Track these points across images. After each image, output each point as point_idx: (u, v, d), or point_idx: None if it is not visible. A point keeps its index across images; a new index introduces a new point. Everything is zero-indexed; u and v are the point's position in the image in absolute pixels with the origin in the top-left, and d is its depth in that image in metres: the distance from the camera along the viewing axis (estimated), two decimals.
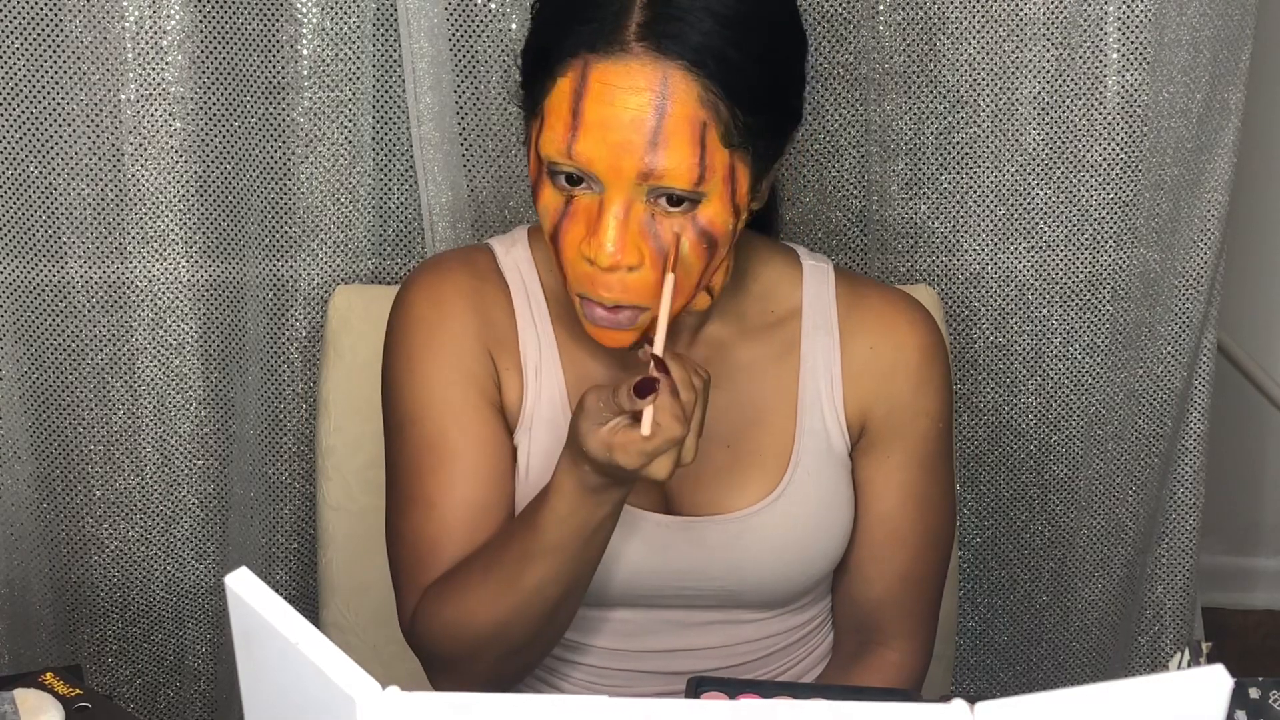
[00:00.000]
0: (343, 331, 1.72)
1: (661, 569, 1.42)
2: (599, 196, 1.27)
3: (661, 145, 1.24)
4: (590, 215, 1.27)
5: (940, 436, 1.47)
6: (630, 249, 1.26)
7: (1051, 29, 1.78)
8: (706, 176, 1.26)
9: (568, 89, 1.26)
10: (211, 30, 1.72)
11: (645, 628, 1.46)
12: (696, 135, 1.25)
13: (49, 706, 1.20)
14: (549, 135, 1.27)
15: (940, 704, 0.84)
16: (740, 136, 1.27)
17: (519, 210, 1.83)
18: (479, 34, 1.78)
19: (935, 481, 1.48)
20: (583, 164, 1.26)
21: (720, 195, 1.28)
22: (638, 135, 1.24)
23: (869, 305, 1.46)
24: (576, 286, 1.30)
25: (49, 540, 1.86)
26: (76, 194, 1.75)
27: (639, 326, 1.31)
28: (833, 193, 1.86)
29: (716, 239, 1.29)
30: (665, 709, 0.85)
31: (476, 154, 1.82)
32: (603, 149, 1.25)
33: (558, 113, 1.27)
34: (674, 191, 1.26)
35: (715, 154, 1.26)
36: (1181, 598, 2.02)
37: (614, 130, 1.24)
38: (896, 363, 1.45)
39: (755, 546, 1.42)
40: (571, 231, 1.29)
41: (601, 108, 1.25)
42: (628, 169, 1.25)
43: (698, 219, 1.28)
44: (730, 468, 1.43)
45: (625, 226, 1.26)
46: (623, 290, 1.28)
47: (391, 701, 0.85)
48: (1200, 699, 0.84)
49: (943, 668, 1.77)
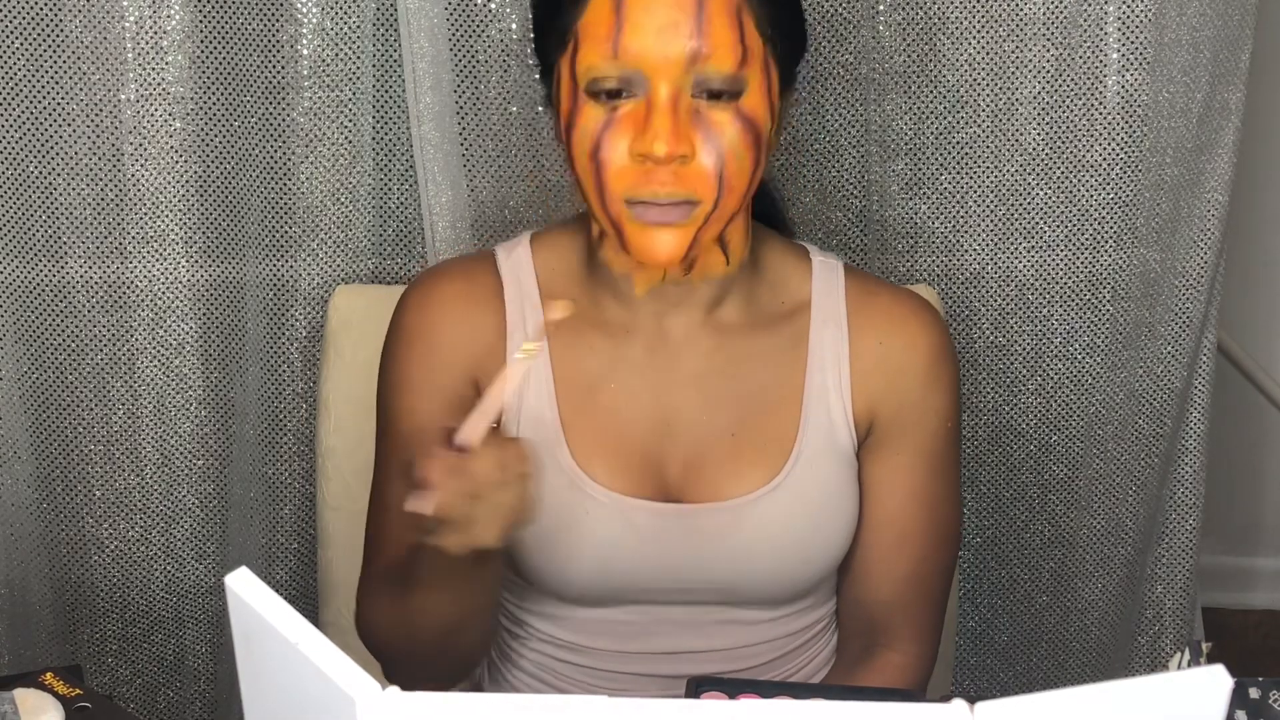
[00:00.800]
0: (343, 331, 1.72)
1: (659, 560, 1.42)
2: (644, 99, 1.31)
3: (705, 26, 1.30)
4: (636, 119, 1.31)
5: (948, 437, 1.47)
6: (683, 138, 1.30)
7: (1051, 29, 1.78)
8: (748, 60, 1.32)
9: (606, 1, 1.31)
10: (211, 30, 1.72)
11: (647, 629, 1.45)
12: (735, 18, 1.31)
13: (49, 706, 1.20)
14: (590, 47, 1.31)
15: (940, 704, 0.84)
16: (770, 27, 1.34)
17: (519, 210, 1.83)
18: (479, 34, 1.78)
19: (943, 482, 1.48)
20: (630, 61, 1.30)
21: (759, 86, 1.33)
22: (683, 16, 1.29)
23: (879, 303, 1.47)
24: (626, 192, 1.32)
25: (49, 540, 1.86)
26: (76, 194, 1.75)
27: (694, 220, 1.33)
28: (833, 193, 1.86)
29: (759, 130, 1.33)
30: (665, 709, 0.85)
31: (476, 154, 1.82)
32: (649, 37, 1.29)
33: (599, 20, 1.31)
34: (719, 77, 1.30)
35: (752, 37, 1.32)
36: (1181, 598, 2.02)
37: (658, 15, 1.29)
38: (906, 361, 1.45)
39: (753, 536, 1.42)
40: (616, 139, 1.31)
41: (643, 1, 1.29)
42: (675, 54, 1.29)
43: (742, 109, 1.32)
44: (732, 455, 1.43)
45: (676, 116, 1.30)
46: (676, 182, 1.31)
47: (391, 701, 0.86)
48: (1200, 699, 0.84)
49: (943, 668, 1.77)
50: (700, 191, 1.31)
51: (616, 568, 1.41)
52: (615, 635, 1.46)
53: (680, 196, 1.31)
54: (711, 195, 1.32)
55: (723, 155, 1.31)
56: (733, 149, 1.32)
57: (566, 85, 1.34)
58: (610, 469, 1.41)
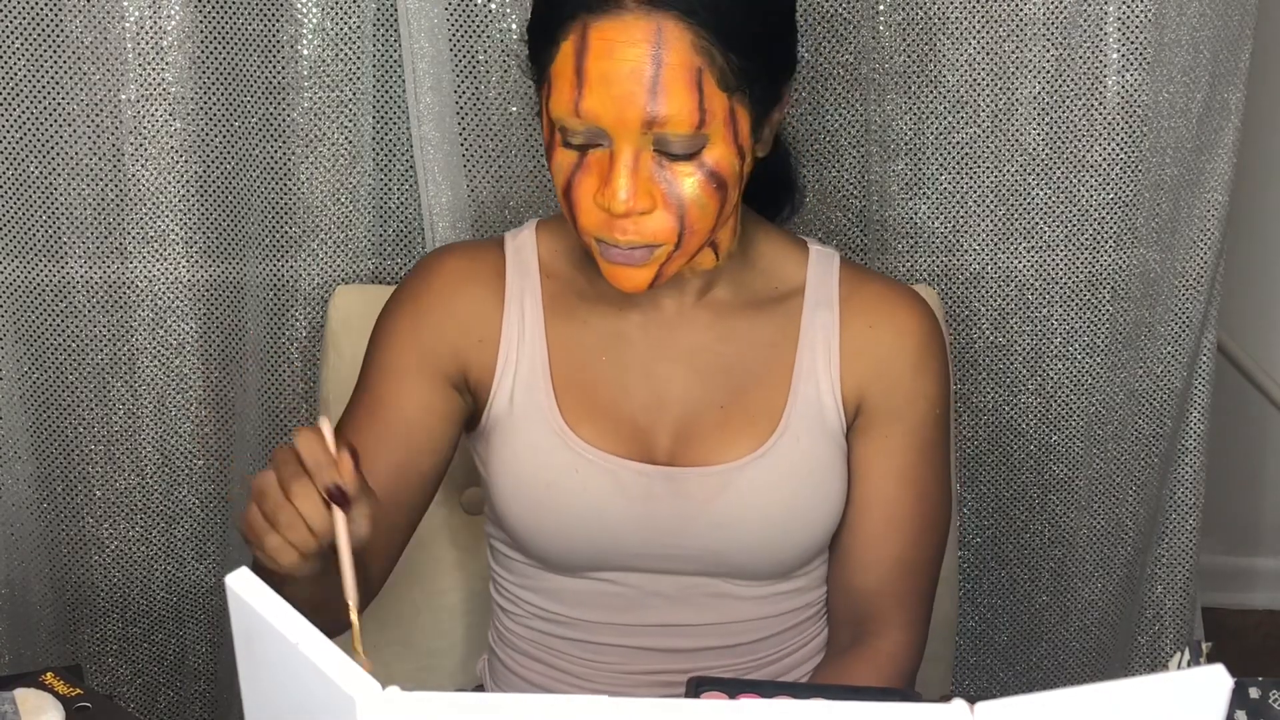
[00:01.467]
0: (343, 331, 1.72)
1: (643, 522, 1.44)
2: (609, 150, 1.33)
3: (661, 93, 1.30)
4: (602, 168, 1.34)
5: (937, 423, 1.49)
6: (642, 194, 1.33)
7: (1051, 29, 1.78)
8: (707, 120, 1.32)
9: (570, 51, 1.33)
10: (211, 30, 1.72)
11: (637, 600, 1.47)
12: (693, 81, 1.31)
13: (49, 706, 1.20)
14: (557, 97, 1.34)
15: (940, 704, 0.84)
16: (737, 80, 1.33)
17: (519, 210, 1.84)
18: (479, 34, 1.78)
19: (931, 468, 1.49)
20: (590, 119, 1.32)
21: (723, 138, 1.34)
22: (638, 85, 1.30)
23: (871, 290, 1.50)
24: (593, 231, 1.36)
25: (49, 540, 1.86)
26: (76, 194, 1.75)
27: (655, 261, 1.37)
28: (833, 193, 1.86)
29: (724, 179, 1.35)
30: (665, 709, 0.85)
31: (476, 154, 1.82)
32: (607, 102, 1.31)
33: (563, 74, 1.33)
34: (677, 138, 1.32)
35: (714, 98, 1.32)
36: (1181, 598, 2.01)
37: (615, 83, 1.31)
38: (895, 345, 1.48)
39: (739, 502, 1.44)
40: (585, 183, 1.35)
41: (602, 63, 1.31)
42: (632, 118, 1.31)
43: (704, 162, 1.34)
44: (720, 426, 1.46)
45: (636, 174, 1.33)
46: (637, 232, 1.35)
47: (391, 701, 0.86)
48: (1200, 699, 0.84)
49: (943, 668, 1.77)
50: (661, 237, 1.35)
51: (604, 528, 1.44)
52: (607, 608, 1.48)
53: (640, 244, 1.35)
54: (672, 240, 1.36)
55: (684, 205, 1.34)
56: (694, 199, 1.34)
57: (545, 118, 1.38)
58: (601, 432, 1.45)
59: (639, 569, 1.47)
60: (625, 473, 1.44)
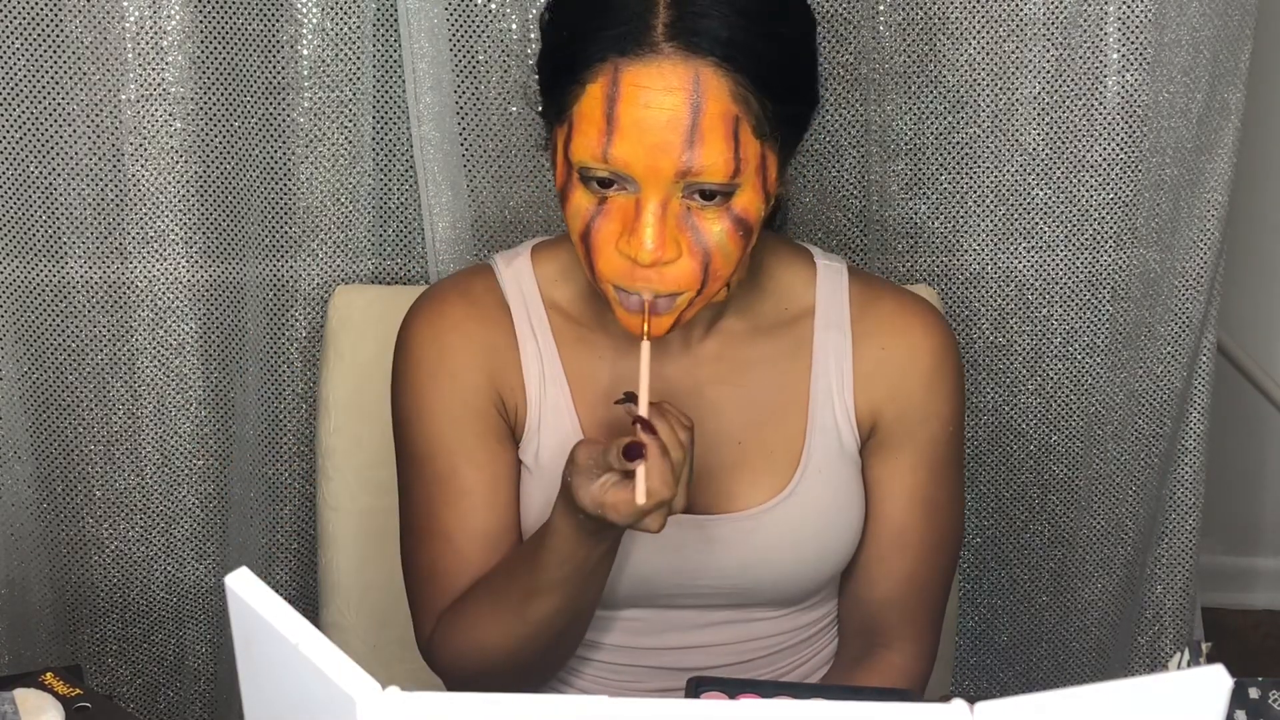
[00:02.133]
0: (343, 331, 1.72)
1: (674, 568, 1.43)
2: (634, 196, 1.28)
3: (698, 143, 1.26)
4: (626, 214, 1.29)
5: (950, 441, 1.47)
6: (669, 244, 1.28)
7: (1051, 29, 1.78)
8: (741, 169, 1.28)
9: (599, 94, 1.27)
10: (211, 30, 1.72)
11: (656, 626, 1.47)
12: (730, 130, 1.27)
13: (49, 706, 1.20)
14: (581, 141, 1.28)
15: (940, 704, 0.84)
16: (770, 126, 1.29)
17: (519, 210, 1.83)
18: (479, 34, 1.78)
19: (943, 486, 1.48)
20: (619, 167, 1.27)
21: (753, 185, 1.30)
22: (674, 135, 1.25)
23: (882, 307, 1.47)
24: (613, 279, 1.31)
25: (49, 540, 1.86)
26: (76, 194, 1.75)
27: (676, 308, 1.32)
28: (833, 193, 1.86)
29: (751, 226, 1.31)
30: (665, 709, 0.85)
31: (476, 154, 1.82)
32: (639, 150, 1.26)
33: (590, 118, 1.27)
34: (709, 187, 1.28)
35: (748, 146, 1.28)
36: (1181, 598, 2.01)
37: (650, 132, 1.25)
38: (908, 365, 1.45)
39: (766, 544, 1.43)
40: (605, 229, 1.30)
41: (636, 110, 1.26)
42: (665, 169, 1.26)
43: (732, 209, 1.29)
44: (741, 464, 1.44)
45: (663, 223, 1.27)
46: (660, 282, 1.30)
47: (391, 701, 0.86)
48: (1200, 699, 0.84)
49: (943, 668, 1.77)
50: (683, 285, 1.31)
51: (631, 576, 1.42)
52: (627, 632, 1.47)
53: (663, 294, 1.31)
54: (695, 288, 1.31)
55: (709, 254, 1.30)
56: (719, 247, 1.30)
57: (561, 157, 1.32)
58: None
59: (665, 605, 1.46)
60: None
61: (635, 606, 1.45)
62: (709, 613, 1.46)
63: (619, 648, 1.47)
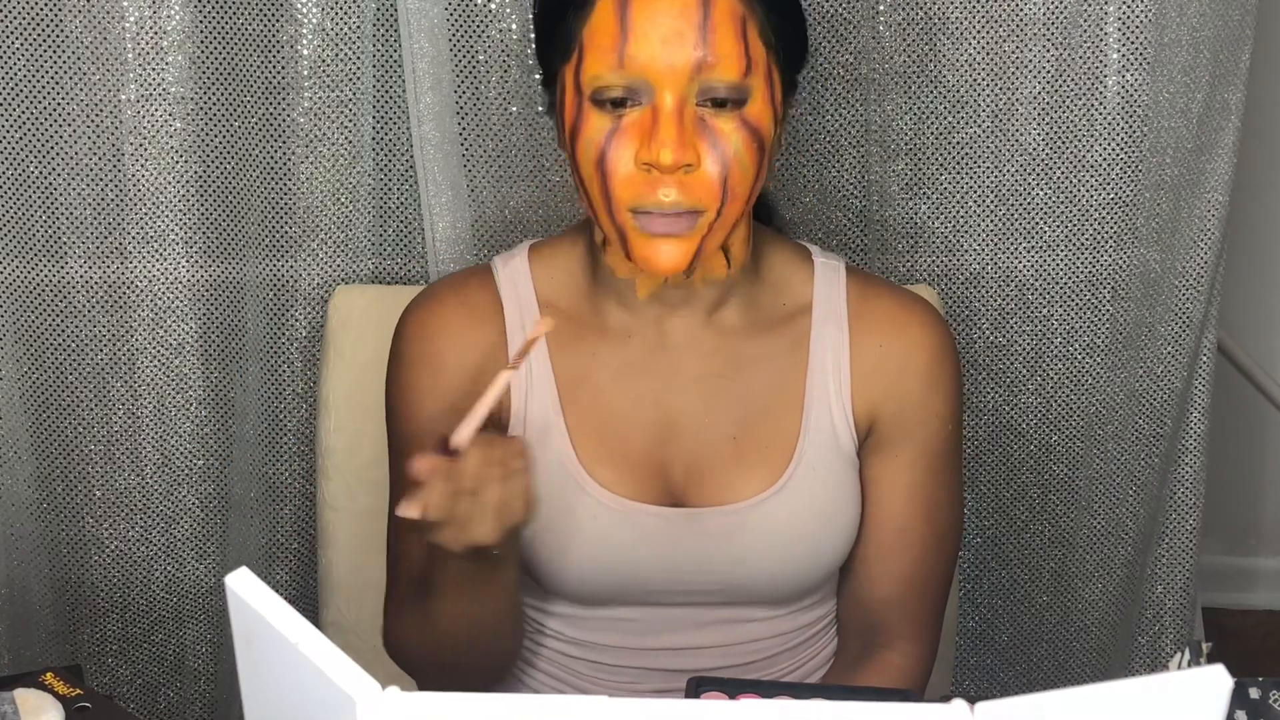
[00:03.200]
0: (343, 331, 1.72)
1: (664, 562, 1.42)
2: (649, 107, 1.31)
3: (710, 36, 1.30)
4: (642, 127, 1.31)
5: (949, 439, 1.48)
6: (688, 146, 1.31)
7: (1051, 29, 1.78)
8: (753, 68, 1.32)
9: (610, 4, 1.31)
10: (211, 30, 1.72)
11: (651, 626, 1.46)
12: (739, 28, 1.32)
13: (49, 706, 1.20)
14: (595, 56, 1.32)
15: (940, 704, 0.84)
16: (774, 36, 1.35)
17: (519, 210, 1.83)
18: (479, 34, 1.78)
19: (942, 484, 1.48)
20: (636, 70, 1.31)
21: (762, 94, 1.34)
22: (688, 27, 1.30)
23: (880, 304, 1.47)
24: (632, 201, 1.33)
25: (49, 540, 1.86)
26: (76, 194, 1.75)
27: (698, 230, 1.34)
28: (833, 193, 1.86)
29: (763, 138, 1.35)
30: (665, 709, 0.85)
31: (476, 154, 1.82)
32: (655, 46, 1.30)
33: (604, 29, 1.31)
34: (724, 85, 1.31)
35: (756, 47, 1.33)
36: (1181, 598, 2.01)
37: (663, 26, 1.30)
38: (906, 363, 1.45)
39: (757, 539, 1.42)
40: (621, 147, 1.32)
41: (649, 7, 1.30)
42: (681, 63, 1.30)
43: (746, 118, 1.33)
44: (735, 459, 1.44)
45: (681, 125, 1.30)
46: (682, 190, 1.32)
47: (391, 701, 0.86)
48: (1200, 699, 0.84)
49: (943, 668, 1.77)
50: (705, 200, 1.32)
51: (622, 569, 1.42)
52: (623, 633, 1.47)
53: (685, 206, 1.32)
54: (715, 203, 1.33)
55: (727, 163, 1.32)
56: (737, 156, 1.33)
57: (570, 93, 1.35)
58: (615, 473, 1.42)
59: (656, 603, 1.46)
60: (646, 518, 1.42)
61: (627, 604, 1.45)
62: (703, 611, 1.46)
63: (615, 648, 1.47)
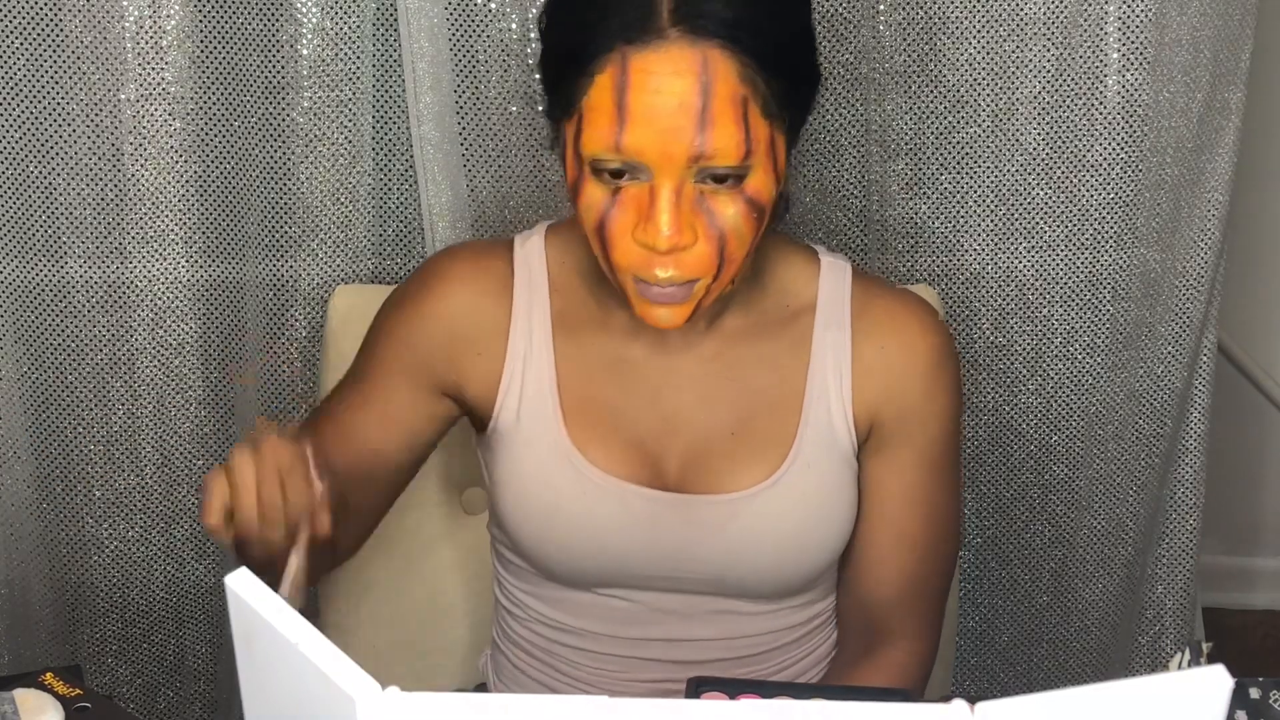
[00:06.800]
0: (343, 331, 1.72)
1: (653, 547, 1.43)
2: (647, 184, 1.29)
3: (709, 126, 1.27)
4: (640, 203, 1.30)
5: (947, 440, 1.48)
6: (685, 229, 1.29)
7: (1052, 29, 1.78)
8: (752, 150, 1.29)
9: (608, 84, 1.28)
10: (211, 30, 1.72)
11: (641, 615, 1.47)
12: (740, 112, 1.28)
13: (49, 706, 1.20)
14: (593, 133, 1.29)
15: (940, 704, 0.84)
16: (778, 106, 1.31)
17: (519, 210, 1.83)
18: (479, 34, 1.78)
19: (942, 485, 1.49)
20: (632, 155, 1.28)
21: (764, 166, 1.31)
22: (686, 119, 1.26)
23: (882, 306, 1.47)
24: (631, 270, 1.33)
25: (49, 540, 1.86)
26: (76, 194, 1.75)
27: (694, 296, 1.33)
28: (833, 193, 1.86)
29: (764, 206, 1.33)
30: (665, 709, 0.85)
31: (476, 154, 1.82)
32: (652, 136, 1.27)
33: (601, 109, 1.28)
34: (721, 170, 1.29)
35: (758, 127, 1.29)
36: (1181, 598, 2.02)
37: (661, 117, 1.26)
38: (906, 366, 1.46)
39: (748, 531, 1.43)
40: (620, 220, 1.31)
41: (646, 96, 1.26)
42: (678, 154, 1.27)
43: (745, 191, 1.31)
44: (731, 453, 1.44)
45: (678, 208, 1.29)
46: (678, 267, 1.31)
47: (391, 701, 0.86)
48: (1200, 699, 0.84)
49: (943, 668, 1.77)
50: (700, 271, 1.32)
51: (611, 551, 1.43)
52: (610, 620, 1.47)
53: (681, 280, 1.32)
54: (711, 273, 1.33)
55: (725, 237, 1.31)
56: (734, 229, 1.31)
57: (570, 152, 1.33)
58: (609, 455, 1.43)
59: (645, 588, 1.46)
60: (633, 498, 1.42)
61: (615, 587, 1.46)
62: (692, 600, 1.46)
63: (604, 636, 1.48)
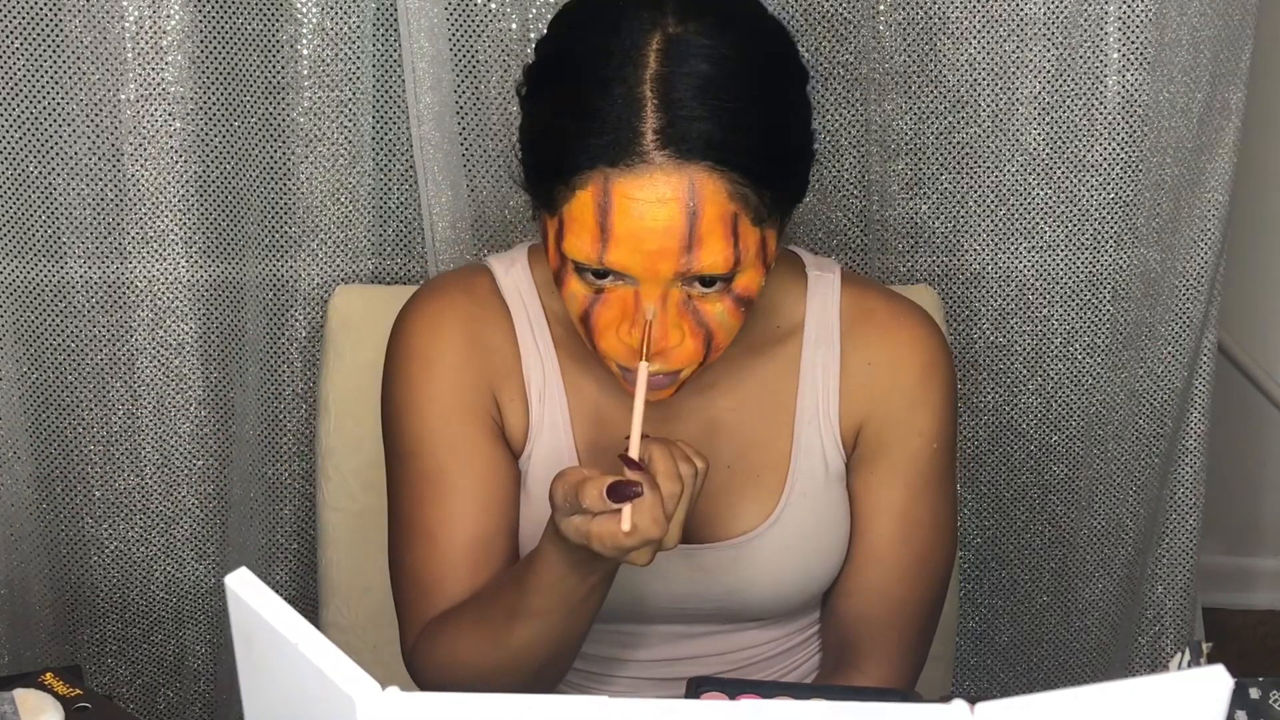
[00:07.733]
0: (343, 331, 1.72)
1: (659, 592, 1.42)
2: (633, 289, 1.25)
3: (696, 246, 1.22)
4: (625, 303, 1.26)
5: (934, 458, 1.43)
6: (672, 330, 1.26)
7: (1052, 29, 1.78)
8: (741, 259, 1.25)
9: (590, 202, 1.23)
10: (211, 30, 1.72)
11: (643, 641, 1.46)
12: (729, 229, 1.23)
13: (49, 706, 1.20)
14: (575, 242, 1.24)
15: (940, 704, 0.84)
16: (769, 210, 1.26)
17: (519, 210, 1.83)
18: (479, 34, 1.78)
19: (925, 504, 1.44)
20: (617, 268, 1.24)
21: (754, 266, 1.27)
22: (672, 242, 1.22)
23: (873, 319, 1.44)
24: (615, 359, 1.29)
25: (49, 540, 1.86)
26: (76, 194, 1.75)
27: (679, 382, 1.30)
28: (833, 193, 1.86)
29: (751, 298, 1.29)
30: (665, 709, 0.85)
31: (476, 154, 1.82)
32: (637, 256, 1.22)
33: (582, 223, 1.23)
34: (710, 277, 1.25)
35: (747, 236, 1.25)
36: (1181, 598, 2.01)
37: (646, 240, 1.22)
38: (892, 379, 1.43)
39: (752, 570, 1.42)
40: (605, 315, 1.27)
41: (630, 221, 1.22)
42: (664, 271, 1.23)
43: (734, 290, 1.27)
44: (728, 489, 1.42)
45: (664, 315, 1.25)
46: (664, 362, 1.27)
47: (391, 701, 0.86)
48: (1200, 699, 0.84)
49: (943, 668, 1.77)
50: (686, 363, 1.29)
51: (620, 596, 1.38)
52: (614, 644, 1.47)
53: (667, 372, 1.28)
54: (697, 362, 1.29)
55: (711, 333, 1.28)
56: (721, 324, 1.28)
57: (552, 242, 1.27)
58: None
59: (652, 621, 1.45)
60: None
61: (618, 621, 1.44)
62: (696, 625, 1.46)
63: (604, 659, 1.47)
